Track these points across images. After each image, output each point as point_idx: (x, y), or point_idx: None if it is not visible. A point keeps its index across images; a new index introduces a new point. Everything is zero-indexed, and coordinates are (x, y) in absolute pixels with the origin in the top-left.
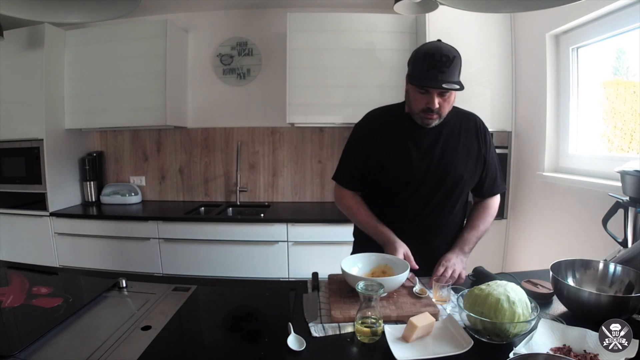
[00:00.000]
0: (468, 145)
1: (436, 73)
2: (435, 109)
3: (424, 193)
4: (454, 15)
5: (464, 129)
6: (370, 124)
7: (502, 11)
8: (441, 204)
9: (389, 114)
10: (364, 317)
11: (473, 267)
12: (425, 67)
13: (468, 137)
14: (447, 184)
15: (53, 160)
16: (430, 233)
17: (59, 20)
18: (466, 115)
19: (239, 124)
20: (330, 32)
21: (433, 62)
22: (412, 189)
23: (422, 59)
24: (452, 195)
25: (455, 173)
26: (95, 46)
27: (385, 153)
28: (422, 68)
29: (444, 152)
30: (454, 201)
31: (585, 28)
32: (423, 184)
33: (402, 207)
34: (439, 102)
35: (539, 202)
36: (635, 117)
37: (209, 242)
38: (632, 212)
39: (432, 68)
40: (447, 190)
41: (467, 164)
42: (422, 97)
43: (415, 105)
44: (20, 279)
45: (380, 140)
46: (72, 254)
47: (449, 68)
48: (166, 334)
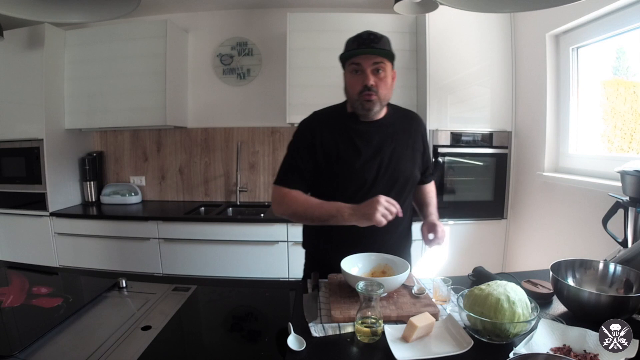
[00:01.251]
0: (413, 143)
1: (365, 46)
2: (372, 87)
3: (378, 192)
4: (454, 15)
5: (408, 126)
6: (316, 122)
7: (502, 11)
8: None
9: (335, 112)
10: (364, 317)
11: (473, 267)
12: (355, 45)
13: (412, 135)
14: (400, 181)
15: (53, 160)
16: (388, 232)
17: (59, 20)
18: (408, 113)
19: (239, 124)
20: (330, 32)
21: (361, 39)
22: (366, 188)
23: (351, 41)
24: (404, 193)
25: (405, 170)
26: (95, 46)
27: (335, 151)
28: (352, 47)
29: (394, 150)
30: (406, 199)
31: (585, 28)
32: (376, 182)
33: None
34: (374, 80)
35: (539, 202)
36: (635, 117)
37: (209, 242)
38: (632, 212)
39: (362, 45)
40: (400, 187)
41: (412, 161)
42: (358, 78)
43: (352, 90)
44: (20, 279)
45: (329, 138)
46: (72, 254)
47: (378, 43)
48: (166, 334)
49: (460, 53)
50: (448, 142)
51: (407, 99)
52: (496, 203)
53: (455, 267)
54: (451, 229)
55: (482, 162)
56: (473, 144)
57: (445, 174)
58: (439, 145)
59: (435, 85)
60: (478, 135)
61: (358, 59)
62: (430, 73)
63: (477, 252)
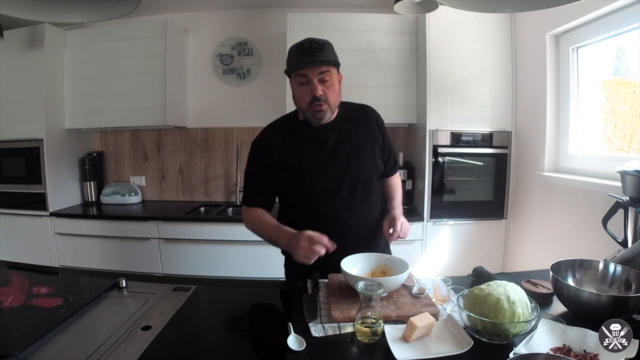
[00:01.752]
0: (370, 137)
1: (309, 57)
2: (321, 97)
3: (344, 194)
4: (454, 15)
5: (362, 120)
6: (268, 137)
7: (502, 11)
8: (362, 198)
9: (286, 123)
10: (364, 317)
11: (473, 267)
12: (298, 57)
13: (369, 128)
14: (363, 177)
15: (53, 160)
16: (360, 227)
17: (59, 20)
18: (360, 107)
19: (239, 124)
20: (330, 32)
21: (304, 49)
22: (332, 192)
23: (294, 51)
24: (369, 188)
25: (366, 167)
26: (95, 46)
27: (292, 160)
28: (296, 59)
29: (350, 148)
30: (372, 193)
31: (585, 28)
32: (341, 185)
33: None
34: (322, 89)
35: (539, 202)
36: (635, 117)
37: (209, 242)
38: (632, 212)
39: (305, 54)
40: (365, 184)
41: (372, 154)
42: (305, 89)
43: (301, 100)
44: (20, 279)
45: (284, 148)
46: (72, 254)
47: (322, 52)
48: (166, 334)
49: (460, 53)
50: (448, 142)
51: (407, 99)
52: (496, 203)
53: (455, 267)
54: (451, 229)
55: (482, 162)
56: (473, 144)
57: (445, 174)
58: (439, 145)
59: (435, 85)
60: (478, 135)
61: (304, 71)
62: (430, 73)
63: (477, 252)
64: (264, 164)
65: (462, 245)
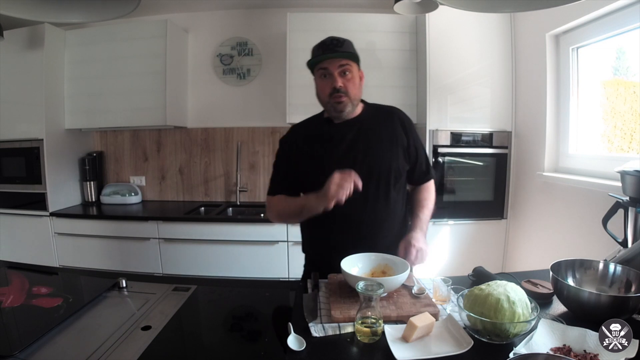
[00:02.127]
0: (391, 135)
1: (330, 52)
2: (340, 88)
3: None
4: (454, 15)
5: (384, 121)
6: (292, 136)
7: (502, 11)
8: (376, 196)
9: (310, 123)
10: (364, 317)
11: (473, 267)
12: (320, 52)
13: (391, 128)
14: (378, 175)
15: (53, 160)
16: (373, 228)
17: (59, 20)
18: (387, 108)
19: (239, 124)
20: (330, 32)
21: (325, 46)
22: None
23: (316, 48)
24: (386, 186)
25: (382, 163)
26: (95, 46)
27: (309, 158)
28: (317, 53)
29: (367, 145)
30: (390, 192)
31: (585, 28)
32: None
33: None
34: (342, 81)
35: (539, 202)
36: (635, 117)
37: (209, 242)
38: (632, 212)
39: (326, 50)
40: (378, 182)
41: (393, 153)
42: (326, 82)
43: (322, 93)
44: (20, 279)
45: (304, 148)
46: (72, 254)
47: (342, 47)
48: (166, 334)
49: (460, 53)
50: (448, 142)
51: (407, 99)
52: (496, 203)
53: (455, 267)
54: (451, 229)
55: (482, 162)
56: (473, 144)
57: (445, 174)
58: (439, 145)
59: (435, 85)
60: (478, 135)
61: (325, 64)
62: (430, 73)
63: (477, 252)
64: (287, 160)
65: (462, 245)
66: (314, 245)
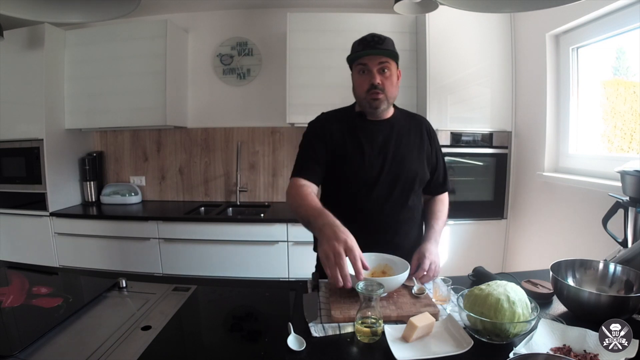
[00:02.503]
0: (420, 143)
1: (370, 48)
2: (378, 85)
3: (381, 189)
4: (454, 15)
5: (414, 127)
6: (325, 121)
7: (502, 11)
8: (399, 200)
9: (342, 113)
10: (364, 317)
11: (473, 267)
12: (360, 48)
13: (418, 136)
14: (403, 179)
15: (53, 160)
16: (392, 230)
17: (59, 20)
18: (416, 116)
19: (239, 124)
20: (330, 32)
21: (366, 42)
22: (369, 185)
23: (357, 44)
24: (408, 190)
25: (409, 168)
26: (95, 46)
27: (341, 149)
28: (357, 49)
29: (397, 148)
30: (410, 197)
31: (585, 28)
32: (380, 179)
33: (361, 205)
34: (380, 79)
35: (539, 202)
36: (635, 117)
37: (209, 242)
38: (632, 212)
39: (367, 47)
40: (403, 186)
41: (419, 160)
42: (365, 78)
43: (360, 89)
44: (20, 279)
45: (337, 136)
46: (72, 254)
47: (382, 45)
48: (166, 334)
49: (460, 53)
50: (448, 142)
51: (407, 99)
52: (496, 203)
53: (455, 267)
54: (451, 229)
55: (482, 162)
56: (473, 144)
57: None
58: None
59: (435, 85)
60: (478, 135)
61: (364, 60)
62: (430, 73)
63: (477, 252)
64: (316, 143)
65: (462, 245)
66: None
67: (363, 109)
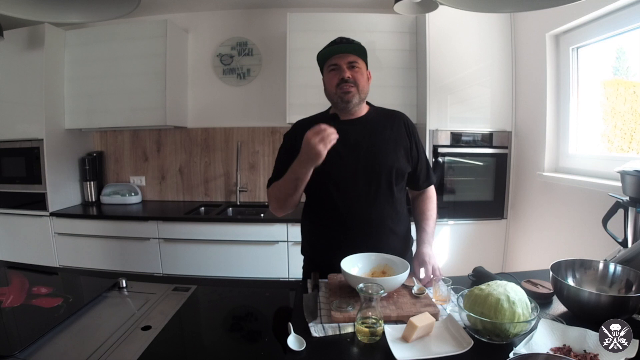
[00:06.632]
0: (395, 137)
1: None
2: (349, 79)
3: (360, 187)
4: (454, 15)
5: (389, 123)
6: (296, 130)
7: (502, 11)
8: (380, 197)
9: (315, 119)
10: (364, 317)
11: (473, 267)
12: (329, 46)
13: (395, 130)
14: (380, 174)
15: (53, 160)
16: (378, 229)
17: (59, 20)
18: (392, 112)
19: (239, 124)
20: (330, 32)
21: (335, 42)
22: (348, 184)
23: (327, 45)
24: (388, 185)
25: (385, 163)
26: (95, 46)
27: None
28: (327, 47)
29: (371, 144)
30: (392, 191)
31: (585, 28)
32: (356, 177)
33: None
34: (350, 73)
35: (539, 202)
36: (635, 117)
37: (209, 242)
38: (632, 212)
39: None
40: (383, 182)
41: (396, 154)
42: (335, 74)
43: (330, 85)
44: (20, 279)
45: None
46: (72, 254)
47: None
48: (166, 334)
49: (460, 53)
50: (448, 142)
51: (407, 99)
52: (496, 203)
53: (455, 267)
54: (451, 229)
55: (482, 162)
56: (473, 144)
57: (445, 174)
58: (439, 145)
59: (435, 85)
60: (478, 135)
61: (334, 60)
62: (430, 73)
63: (477, 252)
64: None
65: (462, 245)
66: (315, 244)
67: (336, 107)
